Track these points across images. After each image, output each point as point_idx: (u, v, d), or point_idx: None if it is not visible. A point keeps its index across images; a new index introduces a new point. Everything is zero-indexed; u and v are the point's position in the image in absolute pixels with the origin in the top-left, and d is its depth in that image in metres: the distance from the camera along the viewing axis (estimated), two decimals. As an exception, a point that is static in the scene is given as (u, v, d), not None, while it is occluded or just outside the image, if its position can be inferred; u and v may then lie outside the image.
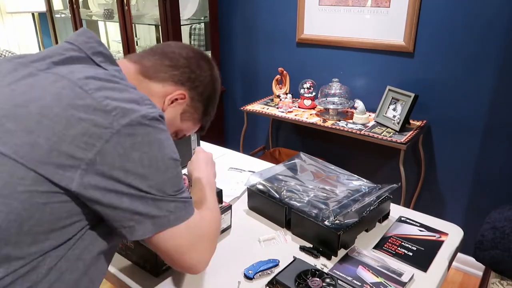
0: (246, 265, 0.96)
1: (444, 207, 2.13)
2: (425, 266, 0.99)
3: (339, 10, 2.18)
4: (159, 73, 0.79)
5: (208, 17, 2.70)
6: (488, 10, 1.75)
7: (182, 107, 0.83)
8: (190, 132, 0.92)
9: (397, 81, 2.07)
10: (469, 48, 1.84)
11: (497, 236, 1.35)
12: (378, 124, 2.03)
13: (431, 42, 1.93)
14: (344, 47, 2.23)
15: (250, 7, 2.57)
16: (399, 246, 1.06)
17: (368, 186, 1.17)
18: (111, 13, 2.81)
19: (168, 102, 0.80)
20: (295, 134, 2.62)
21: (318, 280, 0.88)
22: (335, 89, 2.16)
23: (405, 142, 1.82)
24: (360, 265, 0.97)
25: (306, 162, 1.31)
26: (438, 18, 1.89)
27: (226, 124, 3.03)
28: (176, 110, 0.83)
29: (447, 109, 1.97)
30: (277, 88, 2.44)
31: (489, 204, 1.95)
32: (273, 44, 2.54)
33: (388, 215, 1.19)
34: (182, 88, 0.81)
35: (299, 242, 1.07)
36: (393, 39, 2.03)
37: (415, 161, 2.14)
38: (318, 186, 1.17)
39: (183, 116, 0.85)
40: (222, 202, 1.11)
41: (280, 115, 2.22)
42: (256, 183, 1.19)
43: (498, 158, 1.89)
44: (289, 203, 1.10)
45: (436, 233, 1.12)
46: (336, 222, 1.00)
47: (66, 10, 3.20)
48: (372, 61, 2.16)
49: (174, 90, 0.80)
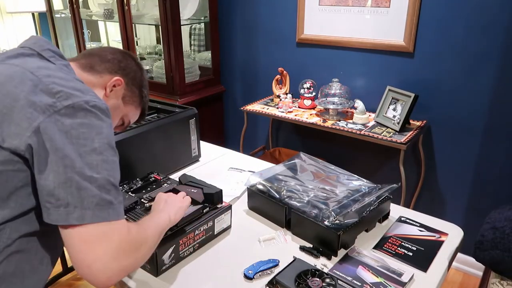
0: (246, 265, 0.96)
1: (444, 207, 2.13)
2: (425, 266, 0.99)
3: (339, 10, 2.18)
4: (95, 67, 0.92)
5: (208, 17, 2.70)
6: (488, 10, 1.75)
7: (121, 92, 0.96)
8: (134, 117, 1.04)
9: (397, 81, 2.07)
10: (469, 48, 1.84)
11: (497, 236, 1.35)
12: (378, 124, 2.03)
13: (431, 42, 1.93)
14: (344, 47, 2.23)
15: (250, 7, 2.57)
16: (399, 246, 1.06)
17: (368, 186, 1.17)
18: (111, 13, 2.81)
19: (109, 89, 0.92)
20: (295, 134, 2.62)
21: (318, 280, 0.88)
22: (335, 89, 2.15)
23: (405, 142, 1.82)
24: (360, 265, 0.97)
25: (306, 162, 1.32)
26: (438, 18, 1.89)
27: (226, 124, 3.03)
28: (117, 95, 0.95)
29: (447, 109, 1.97)
30: (277, 88, 2.44)
31: (489, 204, 1.95)
32: (273, 44, 2.54)
33: (388, 215, 1.19)
34: (117, 75, 0.94)
35: (299, 242, 1.07)
36: (393, 39, 2.03)
37: (415, 161, 2.14)
38: (318, 186, 1.17)
39: (124, 100, 0.97)
40: (222, 202, 1.11)
41: (280, 115, 2.22)
42: (256, 183, 1.19)
43: (498, 158, 1.89)
44: (289, 203, 1.10)
45: (436, 233, 1.12)
46: (336, 222, 1.00)
47: (66, 10, 3.20)
48: (372, 61, 2.16)
49: (111, 78, 0.93)
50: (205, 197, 1.08)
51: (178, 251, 0.98)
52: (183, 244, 0.99)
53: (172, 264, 0.97)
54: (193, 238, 1.01)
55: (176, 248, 0.97)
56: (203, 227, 1.03)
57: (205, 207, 1.07)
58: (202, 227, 1.03)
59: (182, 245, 0.98)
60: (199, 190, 1.09)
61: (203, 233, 1.04)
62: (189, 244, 1.01)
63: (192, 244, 1.02)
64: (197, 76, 2.79)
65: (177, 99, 2.52)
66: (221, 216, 1.08)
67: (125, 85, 0.96)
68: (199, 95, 2.68)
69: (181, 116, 1.44)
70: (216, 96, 2.85)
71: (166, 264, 0.96)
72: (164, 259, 0.95)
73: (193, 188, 1.10)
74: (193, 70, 2.75)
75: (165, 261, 0.95)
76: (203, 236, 1.04)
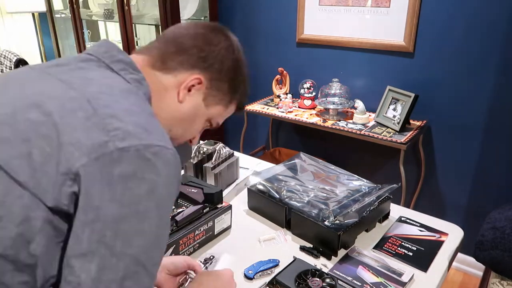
0: (246, 265, 0.96)
1: (444, 207, 2.13)
2: (425, 266, 0.99)
3: (339, 10, 2.18)
4: (167, 62, 0.71)
5: (208, 17, 2.70)
6: (488, 10, 1.75)
7: (202, 93, 0.73)
8: (224, 116, 0.82)
9: (397, 81, 2.07)
10: (470, 48, 1.84)
11: (497, 236, 1.35)
12: (378, 124, 2.03)
13: (432, 42, 1.93)
14: (344, 47, 2.22)
15: (250, 7, 2.57)
16: (399, 246, 1.06)
17: (368, 186, 1.17)
18: (111, 13, 2.81)
19: (184, 91, 0.71)
20: (295, 134, 2.62)
21: (318, 280, 0.87)
22: (335, 89, 2.15)
23: (405, 142, 1.82)
24: (360, 265, 0.97)
25: (306, 162, 1.31)
26: (438, 18, 1.89)
27: (226, 124, 3.03)
28: (196, 98, 0.73)
29: (447, 109, 1.97)
30: (277, 88, 2.44)
31: (489, 204, 1.95)
32: (273, 44, 2.53)
33: (388, 215, 1.19)
34: (196, 72, 0.71)
35: (299, 242, 1.07)
36: (393, 39, 2.03)
37: (415, 161, 2.14)
38: (318, 186, 1.17)
39: (206, 102, 0.75)
40: (222, 202, 1.11)
41: (280, 115, 2.22)
42: (256, 183, 1.19)
43: (499, 158, 1.89)
44: (289, 203, 1.10)
45: (436, 233, 1.12)
46: (336, 222, 1.00)
47: (66, 10, 3.20)
48: (372, 61, 2.16)
49: (187, 77, 0.71)
50: (205, 197, 1.08)
51: (178, 251, 0.98)
52: (183, 244, 0.99)
53: (172, 264, 0.97)
54: (193, 238, 1.01)
55: (176, 248, 0.97)
56: (203, 227, 1.03)
57: (205, 207, 1.07)
58: (202, 227, 1.03)
59: (182, 245, 0.98)
60: (199, 190, 1.09)
61: (203, 233, 1.04)
62: (189, 244, 1.01)
63: (192, 244, 1.02)
64: (197, 76, 2.78)
65: (177, 99, 2.51)
66: (221, 216, 1.08)
67: (207, 83, 0.73)
68: (199, 95, 2.67)
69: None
70: (216, 96, 2.84)
71: (166, 264, 0.96)
72: (164, 259, 0.95)
73: (193, 188, 1.10)
74: (193, 70, 2.75)
75: (165, 261, 0.95)
76: (203, 236, 1.04)
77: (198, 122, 0.77)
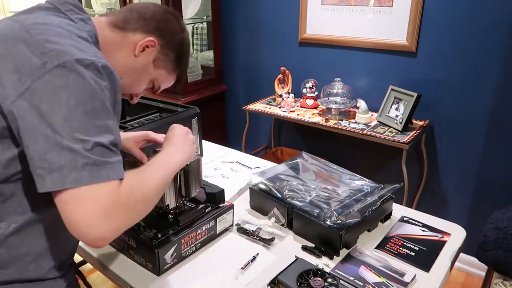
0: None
1: (446, 207, 2.12)
2: (427, 266, 0.98)
3: (341, 10, 2.17)
4: (129, 24, 0.85)
5: (210, 17, 2.70)
6: (491, 10, 1.74)
7: (153, 54, 0.87)
8: (165, 82, 0.94)
9: (400, 81, 2.07)
10: (472, 48, 1.83)
11: (500, 237, 1.35)
12: (381, 123, 2.03)
13: (434, 42, 1.93)
14: (346, 46, 2.22)
15: (252, 7, 2.57)
16: (401, 246, 1.06)
17: (370, 186, 1.17)
18: (114, 13, 2.81)
19: (140, 48, 0.84)
20: (297, 133, 2.62)
21: (320, 280, 0.87)
22: (337, 89, 2.15)
23: (408, 142, 1.81)
24: (362, 265, 0.97)
25: (308, 162, 1.31)
26: (441, 18, 1.88)
27: (228, 124, 3.03)
28: (148, 57, 0.87)
29: (450, 108, 1.97)
30: (279, 88, 2.44)
31: (492, 204, 1.94)
32: (275, 44, 2.53)
33: (390, 215, 1.19)
34: (151, 36, 0.85)
35: (301, 241, 1.07)
36: (395, 38, 2.03)
37: (418, 161, 2.14)
38: (320, 185, 1.17)
39: (155, 64, 0.88)
40: (224, 202, 1.11)
41: (282, 115, 2.22)
42: (258, 183, 1.19)
43: (501, 158, 1.88)
44: (291, 203, 1.10)
45: (438, 233, 1.11)
46: (338, 221, 1.00)
47: (69, 10, 3.20)
48: (374, 60, 2.15)
49: (144, 38, 0.85)
50: (207, 196, 1.08)
51: (180, 250, 0.98)
52: (185, 244, 0.99)
53: (174, 263, 0.98)
54: (195, 237, 1.01)
55: (178, 247, 0.97)
56: (205, 226, 1.03)
57: (207, 206, 1.07)
58: (204, 227, 1.03)
59: (184, 244, 0.99)
60: (201, 189, 1.09)
61: (205, 233, 1.04)
62: (191, 243, 1.01)
63: (194, 244, 1.02)
64: (199, 75, 2.79)
65: (179, 99, 2.52)
66: (223, 216, 1.08)
67: (159, 47, 0.87)
68: (201, 94, 2.68)
69: (183, 115, 1.44)
70: (218, 95, 2.85)
71: (168, 263, 0.96)
72: (166, 259, 0.95)
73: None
74: (195, 70, 2.76)
75: (167, 260, 0.95)
76: (205, 236, 1.04)
77: (145, 78, 0.90)
